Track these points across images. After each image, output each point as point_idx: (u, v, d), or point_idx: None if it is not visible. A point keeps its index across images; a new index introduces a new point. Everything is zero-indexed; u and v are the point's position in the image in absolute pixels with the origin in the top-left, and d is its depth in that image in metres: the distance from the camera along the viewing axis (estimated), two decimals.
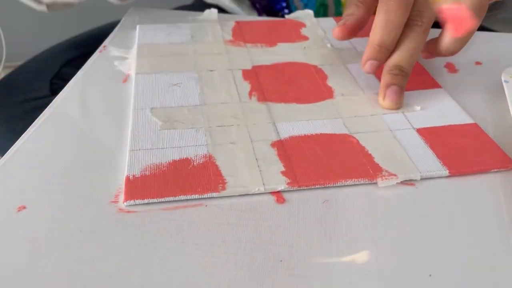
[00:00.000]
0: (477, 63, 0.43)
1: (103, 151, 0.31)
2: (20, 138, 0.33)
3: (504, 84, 0.36)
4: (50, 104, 0.37)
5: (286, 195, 0.28)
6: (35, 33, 1.18)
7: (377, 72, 0.40)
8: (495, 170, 0.30)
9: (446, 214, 0.27)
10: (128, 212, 0.27)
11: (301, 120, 0.34)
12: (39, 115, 0.35)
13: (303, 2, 0.60)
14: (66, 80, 0.40)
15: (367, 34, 0.47)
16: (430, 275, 0.23)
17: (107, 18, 0.64)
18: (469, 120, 0.34)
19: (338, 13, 0.60)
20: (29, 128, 0.33)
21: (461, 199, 0.28)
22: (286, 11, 0.61)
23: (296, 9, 0.61)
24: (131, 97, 0.37)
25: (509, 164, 0.30)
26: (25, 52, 0.70)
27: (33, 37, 1.09)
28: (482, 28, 0.65)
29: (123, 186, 0.28)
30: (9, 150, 0.31)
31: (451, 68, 0.42)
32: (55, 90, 0.55)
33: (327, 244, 0.25)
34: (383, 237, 0.25)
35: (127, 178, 0.28)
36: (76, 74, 0.41)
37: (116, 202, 0.27)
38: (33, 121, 0.34)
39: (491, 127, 0.35)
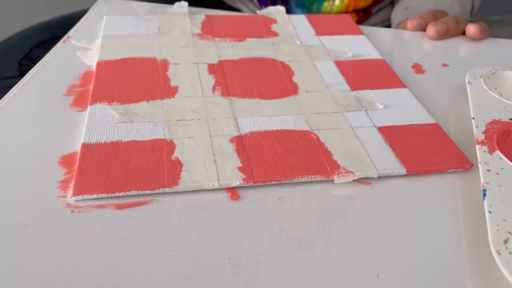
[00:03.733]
0: (444, 64, 0.43)
1: (57, 144, 0.30)
2: None
3: (467, 85, 0.36)
4: (6, 95, 0.35)
5: (241, 192, 0.27)
6: (10, 15, 1.15)
7: (345, 71, 0.40)
8: (453, 170, 0.30)
9: (400, 214, 0.27)
10: (76, 207, 0.26)
11: (263, 116, 0.33)
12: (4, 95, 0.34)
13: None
14: (35, 62, 0.39)
15: (335, 33, 0.47)
16: (378, 275, 0.23)
17: (88, 3, 0.63)
18: (430, 120, 0.34)
19: None
20: None
21: (417, 199, 0.28)
22: None
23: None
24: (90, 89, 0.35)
25: (466, 164, 0.30)
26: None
27: (8, 19, 1.06)
28: None
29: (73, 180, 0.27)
30: None
31: (418, 69, 0.42)
32: (23, 71, 0.54)
33: (277, 243, 0.24)
34: (335, 237, 0.25)
35: (78, 172, 0.27)
36: (36, 64, 0.39)
37: (65, 196, 0.26)
38: None
39: (453, 128, 0.35)
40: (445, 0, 0.57)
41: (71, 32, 0.45)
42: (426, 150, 0.31)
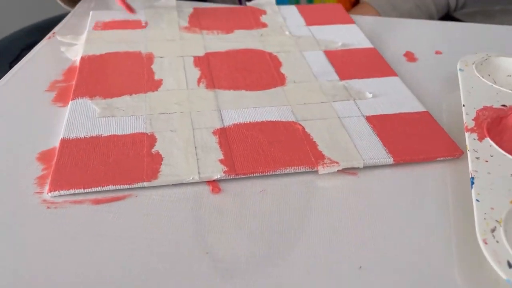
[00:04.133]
0: (437, 52, 0.42)
1: (36, 140, 0.30)
2: None
3: (459, 72, 0.35)
4: None
5: (223, 185, 0.27)
6: (4, 18, 1.15)
7: (334, 61, 0.39)
8: (442, 158, 0.29)
9: (387, 205, 0.26)
10: (52, 203, 0.25)
11: (248, 107, 0.33)
12: None
13: None
14: None
15: (326, 22, 0.46)
16: (360, 267, 0.22)
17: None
18: (420, 108, 0.33)
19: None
20: None
21: (404, 189, 0.27)
22: None
23: None
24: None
25: (456, 152, 0.29)
26: None
27: (3, 22, 1.06)
28: (452, 19, 0.65)
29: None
30: None
31: (410, 57, 0.41)
32: None
33: (257, 236, 0.24)
34: (317, 229, 0.24)
35: (55, 168, 0.27)
36: (21, 61, 0.39)
37: (41, 193, 0.26)
38: None
39: (445, 116, 0.34)
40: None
41: (57, 28, 0.44)
42: (415, 139, 0.30)
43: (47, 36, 0.42)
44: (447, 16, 0.64)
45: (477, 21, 0.69)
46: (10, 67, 0.55)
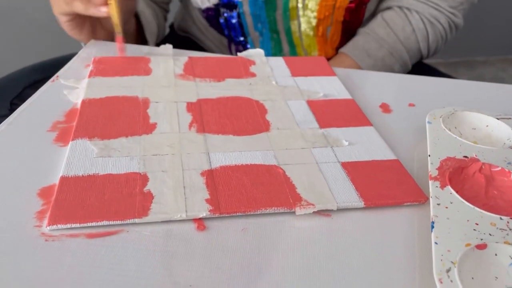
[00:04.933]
0: (411, 104, 0.46)
1: (37, 177, 0.32)
2: None
3: (427, 125, 0.39)
4: None
5: (207, 223, 0.29)
6: (5, 56, 1.19)
7: (316, 110, 0.42)
8: (409, 203, 0.31)
9: (357, 245, 0.28)
10: (50, 236, 0.27)
11: (235, 151, 0.35)
12: None
13: (257, 30, 0.63)
14: None
15: (309, 74, 0.50)
16: None
17: (81, 46, 0.66)
18: (392, 157, 0.36)
19: (289, 39, 0.63)
20: None
21: (373, 230, 0.30)
22: (241, 38, 0.64)
23: (251, 39, 0.64)
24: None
25: (421, 198, 0.32)
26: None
27: (3, 60, 1.10)
28: (427, 70, 0.69)
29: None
30: None
31: (386, 108, 0.45)
32: (14, 111, 0.56)
33: (238, 271, 0.26)
34: (292, 266, 0.26)
35: (54, 203, 0.29)
36: (25, 102, 0.42)
37: (40, 226, 0.28)
38: None
39: (416, 164, 0.37)
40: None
41: (60, 72, 0.47)
42: (385, 185, 0.33)
43: (51, 79, 0.46)
44: (421, 63, 0.68)
45: (459, 72, 0.74)
46: (11, 104, 0.58)
